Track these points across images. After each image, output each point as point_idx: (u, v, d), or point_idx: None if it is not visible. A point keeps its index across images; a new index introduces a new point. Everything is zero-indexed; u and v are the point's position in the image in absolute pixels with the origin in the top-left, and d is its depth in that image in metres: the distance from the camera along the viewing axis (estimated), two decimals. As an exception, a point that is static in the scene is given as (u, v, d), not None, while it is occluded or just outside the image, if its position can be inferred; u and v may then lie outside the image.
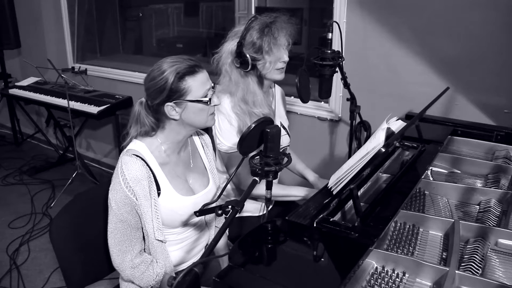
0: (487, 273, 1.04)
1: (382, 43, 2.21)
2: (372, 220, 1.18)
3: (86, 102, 3.26)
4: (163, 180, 1.35)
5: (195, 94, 1.30)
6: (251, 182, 1.13)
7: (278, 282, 0.93)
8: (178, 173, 1.41)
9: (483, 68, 1.97)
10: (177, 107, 1.30)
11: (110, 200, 1.32)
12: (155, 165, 1.34)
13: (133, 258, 1.34)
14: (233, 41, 1.63)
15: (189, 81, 1.29)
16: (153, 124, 1.35)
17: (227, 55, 1.64)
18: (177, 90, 1.28)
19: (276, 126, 1.16)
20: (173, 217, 1.38)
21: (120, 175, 1.29)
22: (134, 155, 1.30)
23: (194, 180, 1.46)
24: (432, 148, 1.65)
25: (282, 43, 1.62)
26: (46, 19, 4.04)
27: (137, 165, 1.28)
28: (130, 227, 1.33)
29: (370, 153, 1.21)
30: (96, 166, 4.00)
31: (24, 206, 3.26)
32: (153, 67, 1.32)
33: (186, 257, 1.50)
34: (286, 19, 1.63)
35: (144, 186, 1.29)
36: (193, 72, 1.29)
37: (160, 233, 1.34)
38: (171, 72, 1.27)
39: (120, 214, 1.31)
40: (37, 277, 2.50)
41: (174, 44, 3.91)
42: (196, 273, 0.83)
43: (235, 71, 1.65)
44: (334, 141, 2.54)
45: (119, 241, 1.33)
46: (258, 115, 1.64)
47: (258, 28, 1.59)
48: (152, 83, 1.30)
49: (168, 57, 1.32)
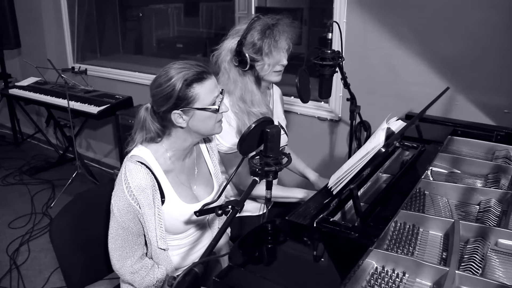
0: (487, 273, 1.04)
1: (382, 43, 2.21)
2: (372, 220, 1.18)
3: (86, 102, 3.26)
4: (167, 188, 1.33)
5: (203, 102, 1.26)
6: (251, 182, 1.13)
7: (278, 282, 0.93)
8: (182, 180, 1.39)
9: (483, 68, 1.97)
10: (184, 115, 1.26)
11: (112, 206, 1.30)
12: (160, 172, 1.31)
13: (133, 264, 1.33)
14: (234, 39, 1.62)
15: (197, 89, 1.25)
16: (158, 131, 1.31)
17: (227, 52, 1.63)
18: (184, 98, 1.24)
19: (276, 126, 1.16)
20: (176, 224, 1.37)
21: (124, 182, 1.26)
22: (138, 162, 1.27)
23: (198, 187, 1.44)
24: (432, 148, 1.65)
25: (282, 46, 1.62)
26: (46, 19, 4.04)
27: (142, 173, 1.25)
28: (131, 234, 1.31)
29: (370, 153, 1.21)
30: (96, 166, 4.00)
31: (24, 206, 3.26)
32: (159, 72, 1.27)
33: (187, 259, 1.49)
34: (289, 22, 1.63)
35: (148, 194, 1.27)
36: (201, 79, 1.25)
37: (163, 242, 1.32)
38: (178, 79, 1.23)
39: (122, 221, 1.29)
40: (37, 277, 2.50)
41: (174, 44, 3.90)
42: (196, 273, 0.84)
43: (234, 69, 1.64)
44: (334, 141, 2.54)
45: (119, 247, 1.31)
46: (257, 114, 1.64)
47: (260, 29, 1.58)
48: (158, 90, 1.25)
49: (175, 63, 1.28)
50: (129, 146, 1.36)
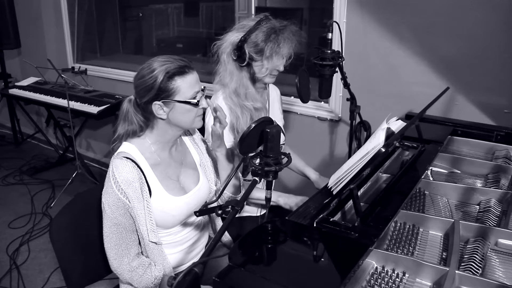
0: (487, 273, 1.04)
1: (382, 43, 2.21)
2: (372, 220, 1.18)
3: (86, 102, 3.26)
4: (153, 182, 1.35)
5: (183, 95, 1.30)
6: (251, 182, 1.13)
7: (278, 282, 0.93)
8: (170, 174, 1.41)
9: (483, 68, 1.97)
10: (164, 107, 1.30)
11: (103, 204, 1.31)
12: (146, 166, 1.34)
13: (130, 261, 1.34)
14: (238, 33, 1.62)
15: (178, 81, 1.29)
16: (141, 123, 1.36)
17: (228, 44, 1.64)
18: (165, 90, 1.28)
19: (276, 126, 1.16)
20: (166, 218, 1.38)
21: (111, 178, 1.28)
22: (124, 157, 1.30)
23: (185, 179, 1.45)
24: (432, 148, 1.65)
25: (284, 53, 1.63)
26: (46, 19, 4.04)
27: (128, 167, 1.28)
28: (125, 230, 1.32)
29: (370, 153, 1.21)
30: (96, 166, 4.00)
31: (24, 206, 3.26)
32: (143, 65, 1.32)
33: (186, 258, 1.50)
34: (295, 30, 1.64)
35: (136, 188, 1.29)
36: (183, 72, 1.29)
37: (154, 235, 1.33)
38: (160, 71, 1.27)
39: (114, 217, 1.30)
40: (37, 277, 2.50)
41: (174, 44, 3.90)
42: (196, 273, 0.83)
43: (232, 62, 1.65)
44: (334, 141, 2.54)
45: (115, 245, 1.32)
46: (250, 108, 1.65)
47: (266, 31, 1.59)
48: (141, 81, 1.30)
49: (159, 56, 1.32)
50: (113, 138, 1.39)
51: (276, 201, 1.70)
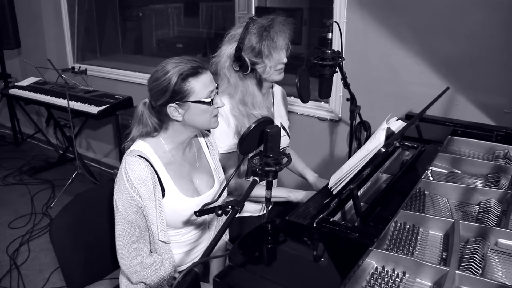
0: (487, 273, 1.04)
1: (382, 43, 2.21)
2: (372, 220, 1.18)
3: (86, 102, 3.26)
4: (167, 181, 1.34)
5: (198, 95, 1.29)
6: (251, 182, 1.13)
7: (278, 282, 0.93)
8: (184, 174, 1.40)
9: (483, 68, 1.97)
10: (180, 108, 1.29)
11: (116, 202, 1.30)
12: (160, 165, 1.33)
13: (145, 258, 1.34)
14: (231, 44, 1.63)
15: (192, 82, 1.28)
16: (156, 125, 1.35)
17: (226, 59, 1.64)
18: (180, 91, 1.27)
19: (276, 126, 1.16)
20: (177, 218, 1.37)
21: (124, 176, 1.27)
22: (138, 155, 1.29)
23: (200, 181, 1.44)
24: (432, 148, 1.65)
25: (281, 46, 1.62)
26: (46, 19, 4.04)
27: (142, 166, 1.27)
28: (138, 228, 1.32)
29: (370, 153, 1.21)
30: (96, 166, 4.00)
31: (24, 206, 3.26)
32: (157, 67, 1.31)
33: (187, 258, 1.50)
34: (283, 20, 1.63)
35: (148, 187, 1.28)
36: (196, 73, 1.29)
37: (163, 234, 1.33)
38: (174, 73, 1.27)
39: (128, 215, 1.29)
40: (37, 277, 2.50)
41: (174, 44, 3.91)
42: (196, 273, 0.84)
43: (234, 74, 1.65)
44: (334, 141, 2.54)
45: (128, 243, 1.32)
46: (257, 116, 1.64)
47: (257, 32, 1.58)
48: (155, 84, 1.29)
49: (172, 58, 1.32)
50: (127, 140, 1.38)
51: (287, 197, 1.70)
